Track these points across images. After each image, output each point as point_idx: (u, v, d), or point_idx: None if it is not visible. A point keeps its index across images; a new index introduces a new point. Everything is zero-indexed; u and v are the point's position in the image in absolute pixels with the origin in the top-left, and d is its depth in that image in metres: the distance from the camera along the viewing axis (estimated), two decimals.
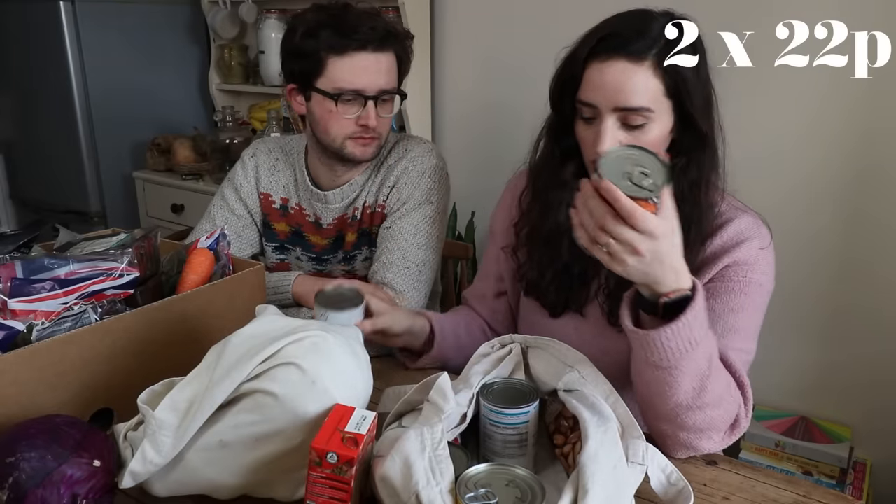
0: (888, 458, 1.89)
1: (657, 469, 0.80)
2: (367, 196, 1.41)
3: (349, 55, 1.26)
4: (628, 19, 0.99)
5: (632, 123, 0.96)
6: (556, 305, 1.14)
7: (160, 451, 0.77)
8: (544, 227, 1.11)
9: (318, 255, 1.47)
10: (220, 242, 1.15)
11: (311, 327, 0.84)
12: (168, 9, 2.85)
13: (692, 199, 1.01)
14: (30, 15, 2.63)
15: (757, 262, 1.02)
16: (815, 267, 1.89)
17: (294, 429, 0.79)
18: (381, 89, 1.29)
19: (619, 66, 0.95)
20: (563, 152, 1.08)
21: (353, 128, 1.30)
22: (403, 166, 1.38)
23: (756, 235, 1.03)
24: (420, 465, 0.72)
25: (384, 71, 1.29)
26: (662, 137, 0.99)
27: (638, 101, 0.95)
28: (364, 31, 1.25)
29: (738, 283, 1.01)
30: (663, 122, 0.98)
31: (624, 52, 0.95)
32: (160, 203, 2.74)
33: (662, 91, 0.96)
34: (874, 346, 1.85)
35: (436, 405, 0.80)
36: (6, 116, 2.91)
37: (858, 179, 1.80)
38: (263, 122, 2.64)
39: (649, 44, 0.95)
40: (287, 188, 1.47)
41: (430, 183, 1.38)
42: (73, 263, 0.98)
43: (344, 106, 1.29)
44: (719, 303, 1.00)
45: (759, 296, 1.02)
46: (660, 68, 0.95)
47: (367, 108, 1.29)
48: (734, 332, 0.99)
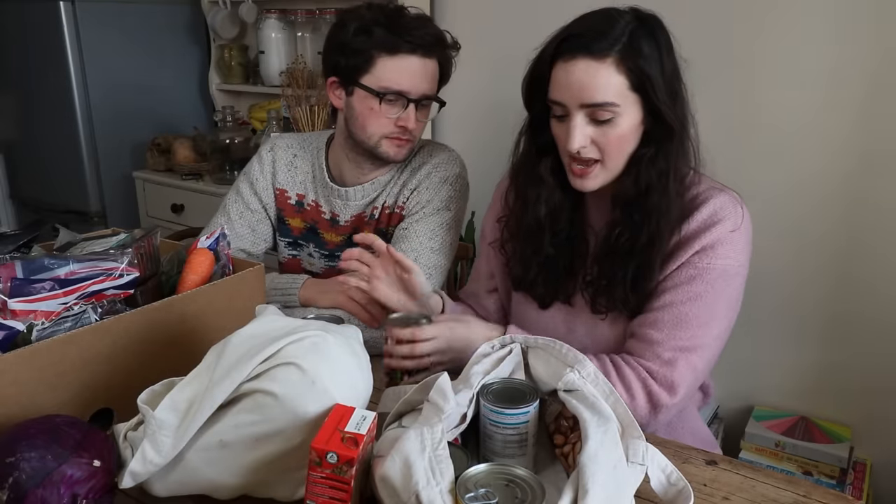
0: (888, 458, 1.89)
1: (657, 469, 0.80)
2: (387, 196, 1.42)
3: (399, 56, 1.27)
4: (592, 19, 1.04)
5: (599, 118, 1.01)
6: (545, 297, 1.19)
7: (160, 451, 0.77)
8: (525, 222, 1.16)
9: (330, 252, 1.48)
10: (220, 242, 1.15)
11: (310, 327, 0.85)
12: (168, 9, 2.85)
13: (660, 189, 1.05)
14: (30, 15, 2.63)
15: (723, 244, 1.05)
16: (816, 268, 1.89)
17: (294, 429, 0.79)
18: (424, 94, 1.31)
19: (582, 64, 1.00)
20: (539, 149, 1.13)
21: (392, 128, 1.32)
22: (427, 171, 1.39)
23: (729, 216, 1.05)
24: (420, 465, 0.72)
25: (429, 76, 1.31)
26: (632, 130, 1.04)
27: (602, 96, 1.00)
28: (417, 35, 1.26)
29: (699, 270, 1.04)
30: (631, 115, 1.02)
31: (586, 51, 1.00)
32: (160, 203, 2.74)
33: (627, 86, 1.01)
34: (874, 347, 1.85)
35: (436, 405, 0.80)
36: (6, 116, 2.91)
37: (860, 182, 1.80)
38: (263, 122, 2.64)
39: (611, 42, 0.99)
40: (304, 184, 1.47)
41: (450, 191, 1.39)
42: (73, 263, 0.98)
43: (387, 105, 1.30)
44: (680, 291, 1.04)
45: (722, 280, 1.05)
46: (623, 64, 0.99)
47: (409, 110, 1.30)
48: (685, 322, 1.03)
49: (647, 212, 1.05)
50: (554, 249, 1.14)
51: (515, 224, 1.19)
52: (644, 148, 1.05)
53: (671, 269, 1.06)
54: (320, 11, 2.50)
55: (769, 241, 1.91)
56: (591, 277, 1.13)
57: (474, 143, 2.40)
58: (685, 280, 1.05)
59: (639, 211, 1.06)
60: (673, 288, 1.05)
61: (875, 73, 1.72)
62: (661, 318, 1.05)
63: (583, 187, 1.08)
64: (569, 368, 0.87)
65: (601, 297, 1.11)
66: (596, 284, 1.12)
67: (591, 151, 1.04)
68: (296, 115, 2.38)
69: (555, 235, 1.15)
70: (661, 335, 1.04)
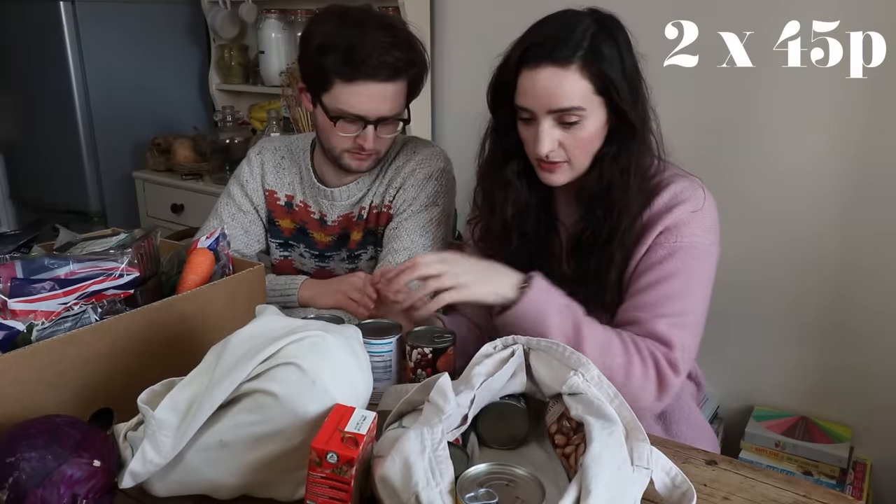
0: (888, 458, 1.89)
1: (661, 471, 0.80)
2: (373, 196, 1.42)
3: (356, 83, 1.25)
4: (553, 25, 1.06)
5: (566, 121, 1.05)
6: None
7: (160, 451, 0.77)
8: (493, 224, 1.19)
9: (321, 252, 1.48)
10: (220, 242, 1.15)
11: (310, 327, 0.84)
12: (168, 9, 2.85)
13: (622, 185, 1.07)
14: (30, 15, 2.63)
15: (688, 224, 1.07)
16: (816, 268, 1.89)
17: (294, 429, 0.79)
18: (382, 116, 1.29)
19: (547, 72, 1.03)
20: (505, 152, 1.15)
21: (351, 144, 1.32)
22: (410, 168, 1.39)
23: (689, 198, 1.08)
24: (420, 466, 0.72)
25: (389, 99, 1.28)
26: (597, 131, 1.07)
27: (569, 102, 1.03)
28: (373, 65, 1.22)
29: (668, 249, 1.06)
30: (596, 117, 1.05)
31: (549, 58, 1.02)
32: (160, 203, 2.74)
33: (591, 90, 1.03)
34: (874, 347, 1.85)
35: (436, 405, 0.80)
36: (6, 116, 2.91)
37: (860, 183, 1.80)
38: (263, 122, 2.64)
39: (573, 48, 1.02)
40: (292, 185, 1.48)
41: (436, 186, 1.39)
42: (73, 263, 0.98)
43: (343, 124, 1.29)
44: (655, 272, 1.06)
45: (692, 258, 1.07)
46: (586, 69, 1.02)
47: (366, 131, 1.29)
48: (669, 300, 1.05)
49: (608, 207, 1.08)
50: (524, 248, 1.17)
51: (484, 225, 1.23)
52: (607, 146, 1.08)
53: (641, 254, 1.08)
54: None
55: (769, 241, 1.91)
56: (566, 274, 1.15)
57: (471, 142, 2.40)
58: (657, 261, 1.06)
59: (601, 206, 1.09)
60: (647, 270, 1.07)
61: (877, 73, 1.72)
62: (644, 300, 1.06)
63: (551, 182, 1.11)
64: (572, 371, 0.86)
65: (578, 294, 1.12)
66: (570, 280, 1.14)
67: (558, 154, 1.08)
68: (296, 115, 2.38)
69: (523, 235, 1.18)
70: (649, 314, 1.05)
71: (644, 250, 1.08)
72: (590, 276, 1.11)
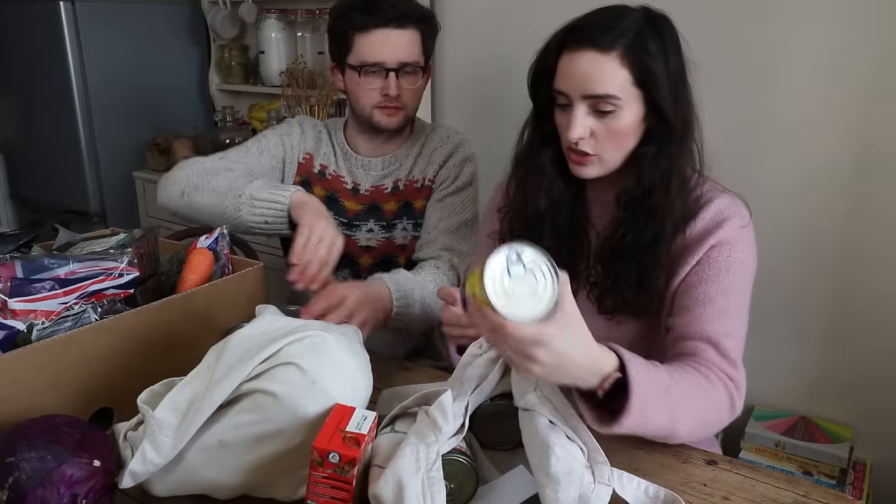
0: (888, 458, 1.89)
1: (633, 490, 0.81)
2: (411, 170, 1.52)
3: (371, 31, 1.38)
4: (602, 14, 1.04)
5: (601, 110, 1.02)
6: None
7: (160, 451, 0.77)
8: (525, 213, 1.16)
9: (349, 221, 1.53)
10: (220, 242, 1.15)
11: (311, 327, 0.85)
12: (168, 9, 2.85)
13: (663, 189, 1.05)
14: (30, 15, 2.63)
15: (738, 241, 1.05)
16: (816, 267, 1.88)
17: (294, 429, 0.79)
18: (401, 62, 1.40)
19: (587, 56, 1.01)
20: (542, 139, 1.14)
21: (378, 98, 1.42)
22: (448, 150, 1.51)
23: (735, 214, 1.07)
24: (413, 488, 0.72)
25: (404, 45, 1.40)
26: (632, 125, 1.04)
27: (604, 88, 1.00)
28: (385, 9, 1.37)
29: (724, 264, 1.04)
30: (633, 110, 1.03)
31: (592, 43, 1.01)
32: None
33: (630, 80, 1.01)
34: (874, 346, 1.85)
35: (434, 422, 0.80)
36: (6, 116, 2.91)
37: (861, 181, 1.80)
38: (263, 122, 2.64)
39: (616, 36, 1.00)
40: (327, 156, 1.56)
41: (472, 167, 1.52)
42: (73, 263, 0.98)
43: (367, 77, 1.41)
44: (711, 286, 1.04)
45: (743, 274, 1.06)
46: (627, 58, 1.00)
47: (389, 79, 1.40)
48: (727, 315, 1.03)
49: (650, 211, 1.05)
50: (554, 242, 1.13)
51: (515, 215, 1.19)
52: (646, 146, 1.06)
53: (690, 266, 1.05)
54: (320, 11, 2.50)
55: (770, 239, 1.90)
56: (594, 278, 1.13)
57: (474, 133, 2.40)
58: (713, 275, 1.04)
59: (643, 210, 1.06)
60: (702, 283, 1.04)
61: (879, 72, 1.72)
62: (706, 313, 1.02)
63: (580, 174, 1.09)
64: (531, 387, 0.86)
65: (607, 298, 1.11)
66: (601, 285, 1.11)
67: (587, 145, 1.05)
68: (296, 115, 2.38)
69: (554, 227, 1.15)
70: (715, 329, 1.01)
71: (694, 263, 1.05)
72: (622, 283, 1.08)
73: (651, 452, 0.94)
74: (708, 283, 1.04)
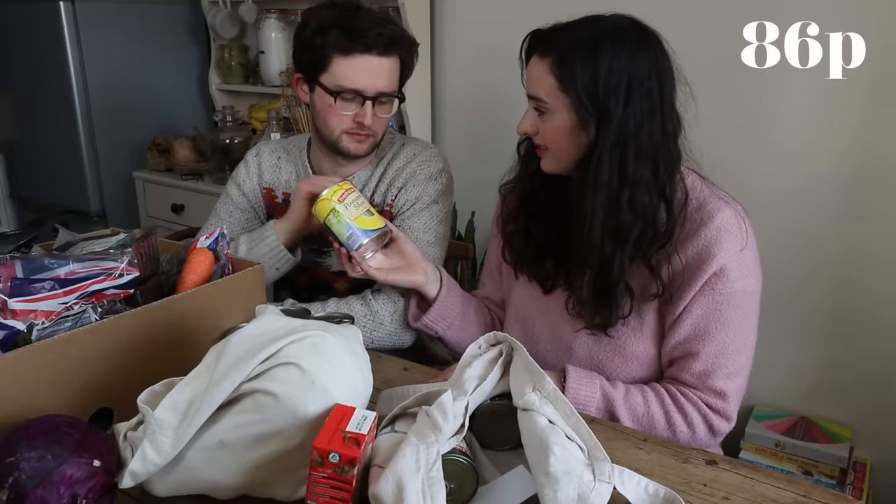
0: (888, 458, 1.89)
1: (633, 487, 0.81)
2: (373, 194, 1.45)
3: (353, 56, 1.30)
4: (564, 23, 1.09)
5: (539, 109, 1.10)
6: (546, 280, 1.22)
7: (160, 451, 0.77)
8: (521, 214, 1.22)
9: (319, 248, 1.50)
10: (220, 242, 1.15)
11: (310, 327, 0.85)
12: (168, 9, 2.85)
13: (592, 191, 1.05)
14: (30, 15, 2.63)
15: (738, 266, 1.06)
16: (816, 268, 1.89)
17: (294, 429, 0.79)
18: (380, 91, 1.33)
19: (534, 60, 1.09)
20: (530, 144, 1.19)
21: (350, 124, 1.35)
22: (412, 170, 1.42)
23: (734, 235, 1.06)
24: (413, 488, 0.73)
25: (385, 74, 1.32)
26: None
27: (534, 91, 1.09)
28: (371, 36, 1.28)
29: (724, 296, 1.06)
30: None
31: (537, 50, 1.08)
32: (160, 203, 2.74)
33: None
34: (874, 346, 1.85)
35: (435, 422, 0.80)
36: (6, 116, 2.91)
37: (860, 183, 1.80)
38: (263, 122, 2.64)
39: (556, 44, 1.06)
40: (289, 183, 1.51)
41: (437, 186, 1.43)
42: (73, 263, 0.98)
43: (343, 103, 1.33)
44: (712, 320, 1.06)
45: (745, 300, 1.07)
46: (555, 66, 1.05)
47: (365, 107, 1.33)
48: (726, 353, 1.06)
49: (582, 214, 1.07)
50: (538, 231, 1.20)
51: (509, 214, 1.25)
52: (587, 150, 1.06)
53: (690, 297, 1.06)
54: None
55: (771, 242, 1.90)
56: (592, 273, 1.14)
57: (473, 142, 2.40)
58: (713, 308, 1.06)
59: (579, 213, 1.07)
60: (702, 317, 1.06)
61: (879, 78, 1.72)
62: (701, 349, 1.07)
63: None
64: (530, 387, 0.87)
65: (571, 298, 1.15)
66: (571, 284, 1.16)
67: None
68: (296, 115, 2.38)
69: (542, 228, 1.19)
70: (706, 366, 1.07)
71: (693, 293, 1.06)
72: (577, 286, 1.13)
73: (651, 452, 0.95)
74: (708, 317, 1.06)
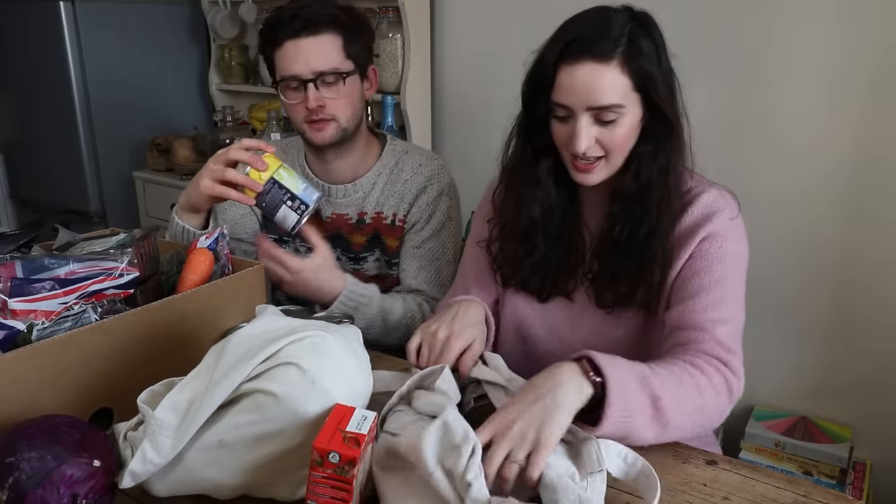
0: (888, 458, 1.89)
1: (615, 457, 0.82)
2: (379, 205, 1.44)
3: (283, 44, 1.31)
4: (590, 21, 1.04)
5: (604, 119, 1.02)
6: (542, 291, 1.20)
7: (160, 451, 0.77)
8: (519, 224, 1.16)
9: None
10: (220, 242, 1.15)
11: (310, 327, 0.84)
12: (168, 9, 2.85)
13: (660, 184, 1.07)
14: (30, 15, 2.63)
15: (729, 231, 1.07)
16: (816, 268, 1.89)
17: (294, 429, 0.79)
18: (317, 71, 1.31)
19: (587, 68, 1.00)
20: (535, 151, 1.13)
21: (304, 112, 1.35)
22: (420, 185, 1.42)
23: (724, 207, 1.08)
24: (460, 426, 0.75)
25: (318, 53, 1.31)
26: (633, 128, 1.05)
27: (608, 99, 1.00)
28: (291, 21, 1.29)
29: (716, 255, 1.06)
30: (633, 114, 1.04)
31: (590, 54, 1.00)
32: (160, 203, 2.74)
33: (630, 86, 1.02)
34: (874, 347, 1.85)
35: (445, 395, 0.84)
36: (6, 116, 2.91)
37: (862, 185, 1.80)
38: (263, 122, 2.64)
39: (613, 43, 1.00)
40: None
41: (448, 201, 1.45)
42: (73, 263, 0.98)
43: (289, 92, 1.34)
44: (705, 277, 1.05)
45: (736, 263, 1.08)
46: (626, 65, 1.00)
47: (308, 90, 1.32)
48: (722, 303, 1.04)
49: (648, 206, 1.07)
50: (546, 248, 1.16)
51: (504, 225, 1.20)
52: (643, 145, 1.07)
53: (683, 260, 1.07)
54: None
55: (772, 244, 1.91)
56: (592, 274, 1.14)
57: (473, 143, 2.40)
58: (706, 266, 1.06)
59: (640, 206, 1.07)
60: (695, 275, 1.06)
61: (880, 78, 1.72)
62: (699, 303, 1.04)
63: (586, 181, 1.09)
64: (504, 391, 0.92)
65: (606, 293, 1.12)
66: (599, 280, 1.13)
67: (595, 150, 1.05)
68: None
69: (548, 233, 1.16)
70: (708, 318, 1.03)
71: (686, 257, 1.07)
72: (620, 277, 1.10)
73: (651, 452, 0.94)
74: (701, 274, 1.06)
